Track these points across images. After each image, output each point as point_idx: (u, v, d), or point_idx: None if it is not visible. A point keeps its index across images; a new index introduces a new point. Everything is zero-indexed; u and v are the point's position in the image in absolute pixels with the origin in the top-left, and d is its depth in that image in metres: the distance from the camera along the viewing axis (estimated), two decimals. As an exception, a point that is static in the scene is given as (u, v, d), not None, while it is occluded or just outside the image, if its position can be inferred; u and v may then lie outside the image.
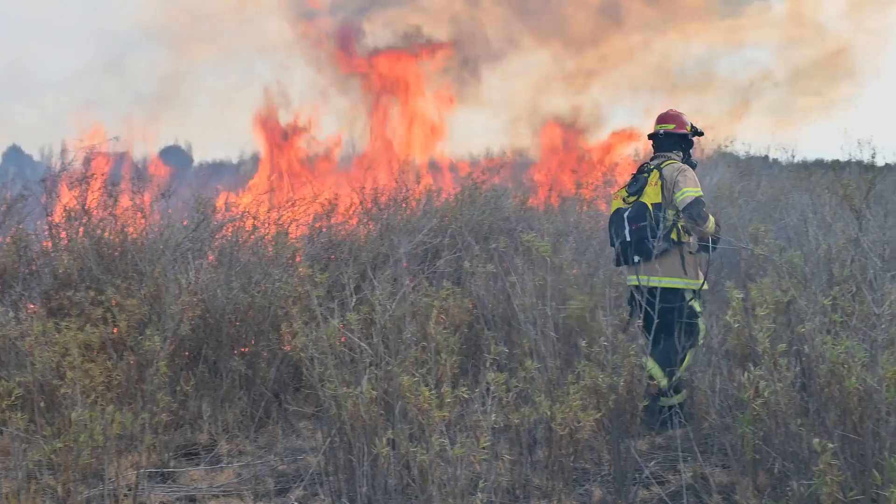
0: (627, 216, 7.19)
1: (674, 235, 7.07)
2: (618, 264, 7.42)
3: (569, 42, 21.31)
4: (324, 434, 5.80)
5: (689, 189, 7.09)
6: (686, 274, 7.14)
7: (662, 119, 7.57)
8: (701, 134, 7.66)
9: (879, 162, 16.75)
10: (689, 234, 7.13)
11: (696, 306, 7.11)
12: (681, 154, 7.52)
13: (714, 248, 7.23)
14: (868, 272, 5.24)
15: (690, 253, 7.13)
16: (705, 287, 7.25)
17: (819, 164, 24.50)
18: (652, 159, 7.51)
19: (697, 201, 7.06)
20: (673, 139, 7.49)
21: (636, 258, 7.11)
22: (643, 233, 7.05)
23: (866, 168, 10.29)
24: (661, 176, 7.19)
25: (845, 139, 22.93)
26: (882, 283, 4.94)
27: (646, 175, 7.30)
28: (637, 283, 7.04)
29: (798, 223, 8.81)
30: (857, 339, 4.72)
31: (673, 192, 7.12)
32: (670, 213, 7.08)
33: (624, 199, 7.38)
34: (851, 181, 6.69)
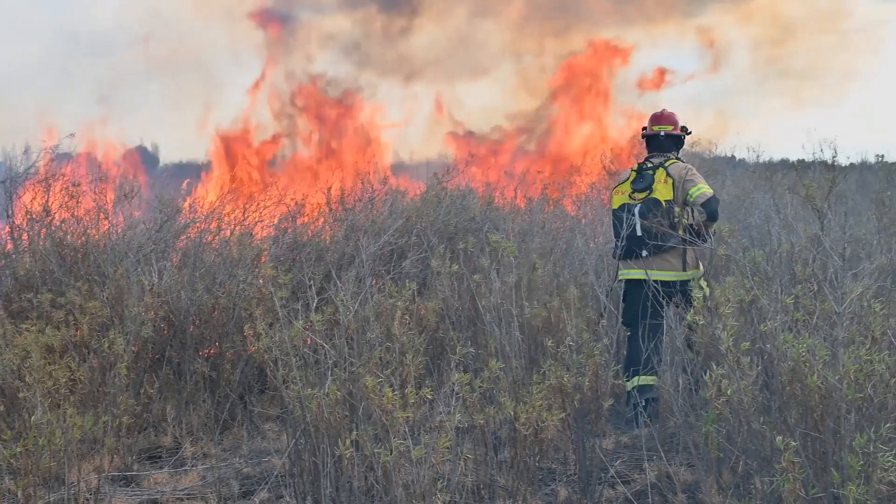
0: (639, 211, 7.37)
1: (680, 231, 7.20)
2: (622, 257, 7.52)
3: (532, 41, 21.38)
4: (288, 436, 5.77)
5: (704, 186, 7.34)
6: (688, 267, 7.36)
7: (660, 120, 7.76)
8: (689, 133, 7.90)
9: (844, 162, 16.94)
10: (696, 230, 7.30)
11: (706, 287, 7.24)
12: (677, 153, 7.76)
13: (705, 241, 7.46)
14: (829, 271, 5.28)
15: (694, 246, 7.36)
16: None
17: (784, 163, 24.70)
18: (650, 157, 7.68)
19: (714, 198, 7.35)
20: (672, 139, 7.72)
21: (644, 252, 7.26)
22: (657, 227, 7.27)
23: (828, 168, 10.39)
24: (668, 174, 7.40)
25: (808, 139, 23.15)
26: (842, 281, 4.97)
27: (650, 172, 7.47)
28: (639, 277, 7.24)
29: (761, 223, 8.87)
30: (818, 338, 4.75)
31: (686, 189, 7.35)
32: (677, 210, 7.21)
33: (629, 195, 7.52)
34: (813, 181, 6.74)
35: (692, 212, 7.26)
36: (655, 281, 6.93)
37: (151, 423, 7.40)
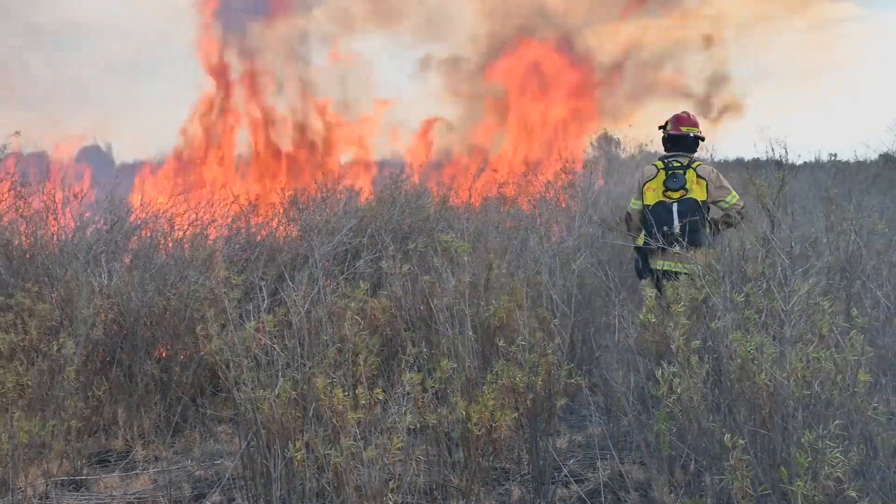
0: (678, 209, 7.78)
1: (708, 228, 7.70)
2: (656, 250, 7.82)
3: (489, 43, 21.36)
4: (240, 438, 5.72)
5: (735, 194, 7.95)
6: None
7: (687, 122, 8.21)
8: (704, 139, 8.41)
9: (797, 161, 17.07)
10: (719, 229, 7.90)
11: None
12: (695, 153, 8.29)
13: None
14: (778, 269, 5.32)
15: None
16: None
17: (739, 162, 24.91)
18: (675, 157, 8.08)
19: (744, 202, 7.97)
20: (697, 141, 8.20)
21: (678, 247, 7.42)
22: (695, 225, 7.64)
23: (780, 166, 10.51)
24: (698, 175, 7.87)
25: (760, 138, 23.35)
26: (791, 280, 5.02)
27: (681, 172, 7.91)
28: (676, 269, 7.54)
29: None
30: (767, 336, 4.79)
31: (720, 194, 7.89)
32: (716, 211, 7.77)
33: (663, 193, 7.91)
34: (764, 181, 6.81)
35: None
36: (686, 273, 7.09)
37: (102, 427, 7.31)
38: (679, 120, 8.21)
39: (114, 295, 7.61)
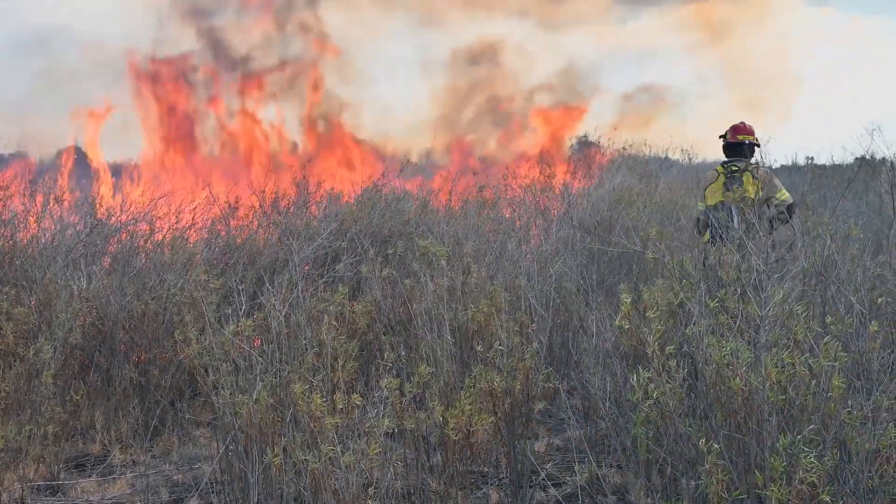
0: (737, 209, 8.32)
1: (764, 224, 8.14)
2: (717, 243, 8.09)
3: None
4: (218, 442, 5.72)
5: (786, 193, 8.63)
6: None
7: (743, 131, 8.96)
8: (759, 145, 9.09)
9: (774, 164, 17.18)
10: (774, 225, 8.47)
11: None
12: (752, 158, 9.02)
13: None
14: (753, 275, 5.36)
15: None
16: None
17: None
18: (733, 162, 8.86)
19: (794, 203, 8.61)
20: (752, 148, 8.93)
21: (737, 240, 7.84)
22: (751, 223, 7.96)
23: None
24: (754, 177, 8.60)
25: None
26: (766, 286, 5.06)
27: (739, 175, 8.66)
28: None
29: (692, 226, 9.10)
30: (742, 341, 4.83)
31: (771, 192, 8.56)
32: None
33: (723, 194, 8.66)
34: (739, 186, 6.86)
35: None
36: None
37: (79, 431, 7.28)
38: (736, 129, 8.99)
39: (93, 299, 7.58)
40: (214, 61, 18.51)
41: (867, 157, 14.06)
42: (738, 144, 8.97)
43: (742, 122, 9.03)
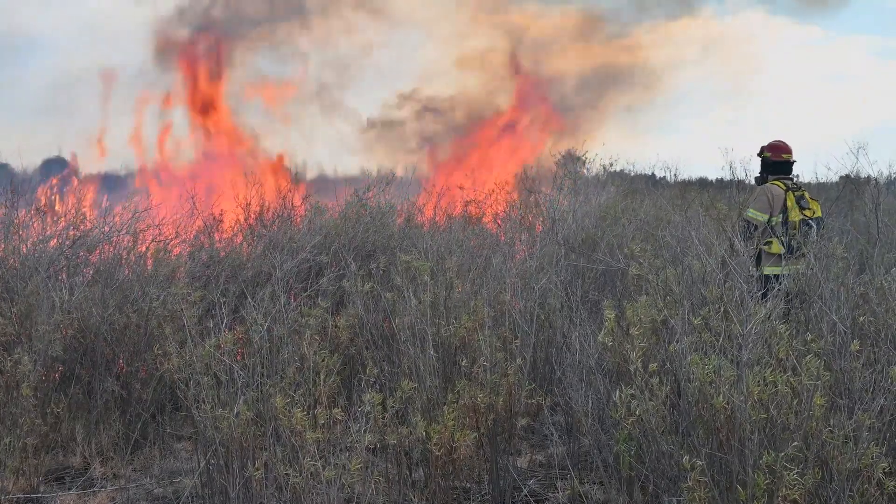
0: (816, 225, 8.86)
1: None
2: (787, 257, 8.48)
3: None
4: (199, 456, 5.68)
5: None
6: None
7: (786, 150, 9.31)
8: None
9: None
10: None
11: None
12: None
13: None
14: (736, 293, 5.38)
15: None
16: None
17: (703, 182, 25.10)
18: (787, 179, 9.21)
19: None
20: (791, 166, 9.33)
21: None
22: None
23: (741, 188, 10.66)
24: (810, 196, 9.11)
25: (725, 159, 23.53)
26: (748, 303, 5.07)
27: (802, 194, 9.03)
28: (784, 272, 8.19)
29: (673, 243, 9.08)
30: (725, 359, 4.84)
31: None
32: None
33: (801, 211, 8.96)
34: (724, 203, 6.88)
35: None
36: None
37: (59, 444, 7.22)
38: (779, 148, 9.32)
39: (74, 311, 7.53)
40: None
41: (852, 175, 14.16)
42: (783, 163, 9.31)
43: (781, 141, 9.36)
